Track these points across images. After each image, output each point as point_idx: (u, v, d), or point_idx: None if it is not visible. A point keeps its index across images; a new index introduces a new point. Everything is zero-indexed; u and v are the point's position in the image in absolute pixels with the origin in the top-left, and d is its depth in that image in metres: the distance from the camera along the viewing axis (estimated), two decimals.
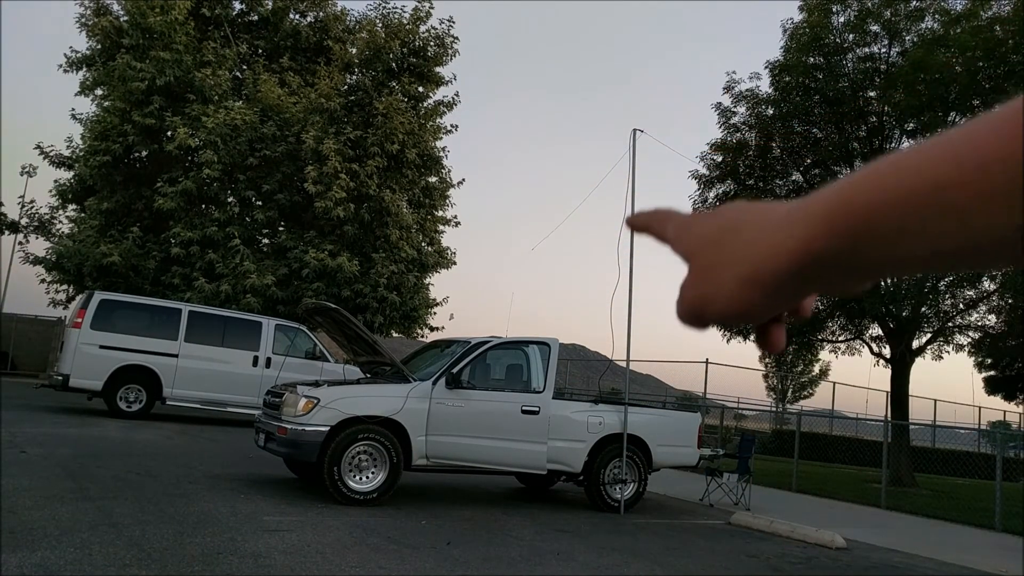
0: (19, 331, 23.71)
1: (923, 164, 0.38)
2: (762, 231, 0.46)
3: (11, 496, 5.80)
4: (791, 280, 0.45)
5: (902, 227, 0.39)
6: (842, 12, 15.56)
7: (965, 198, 0.37)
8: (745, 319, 0.48)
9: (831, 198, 0.42)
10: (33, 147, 22.12)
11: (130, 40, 18.47)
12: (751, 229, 0.47)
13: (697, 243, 0.50)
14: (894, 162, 0.40)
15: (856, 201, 0.41)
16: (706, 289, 0.48)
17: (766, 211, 0.47)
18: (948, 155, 0.37)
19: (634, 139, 9.43)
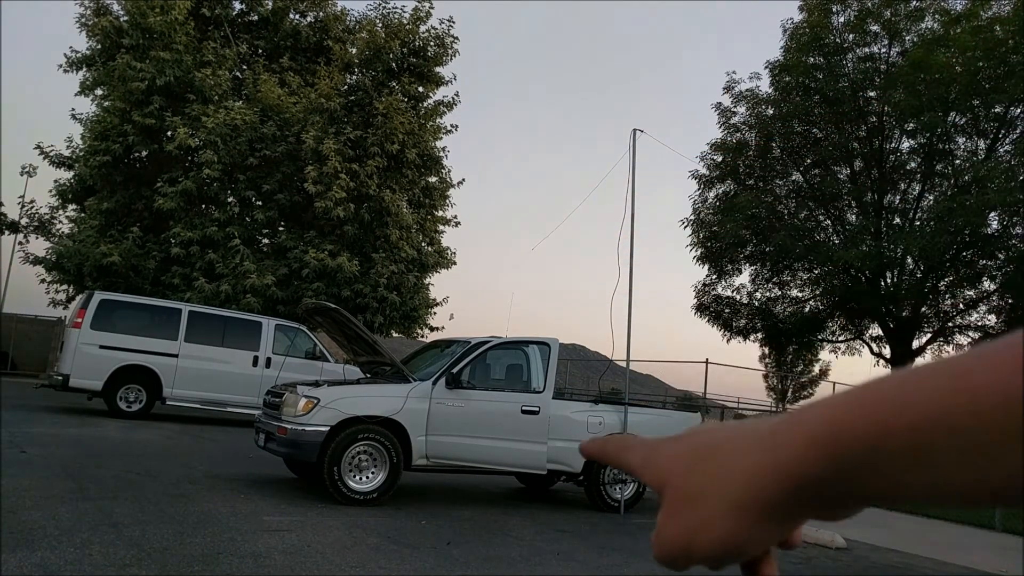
0: (19, 331, 23.71)
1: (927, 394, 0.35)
2: (745, 451, 0.42)
3: (11, 496, 5.80)
4: (782, 505, 0.40)
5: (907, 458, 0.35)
6: (842, 12, 15.57)
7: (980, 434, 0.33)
8: (739, 552, 0.43)
9: (823, 419, 0.38)
10: (33, 147, 22.15)
11: (130, 40, 18.47)
12: (730, 449, 0.42)
13: (671, 470, 0.45)
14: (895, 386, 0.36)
15: (852, 428, 0.37)
16: (690, 522, 0.43)
17: (745, 430, 0.43)
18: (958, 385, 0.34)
19: (634, 139, 9.43)
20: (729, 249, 16.33)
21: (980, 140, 15.08)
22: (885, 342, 16.35)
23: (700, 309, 17.41)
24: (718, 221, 16.14)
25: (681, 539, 0.44)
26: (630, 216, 9.10)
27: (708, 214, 16.68)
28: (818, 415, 0.39)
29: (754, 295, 17.13)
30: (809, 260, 15.85)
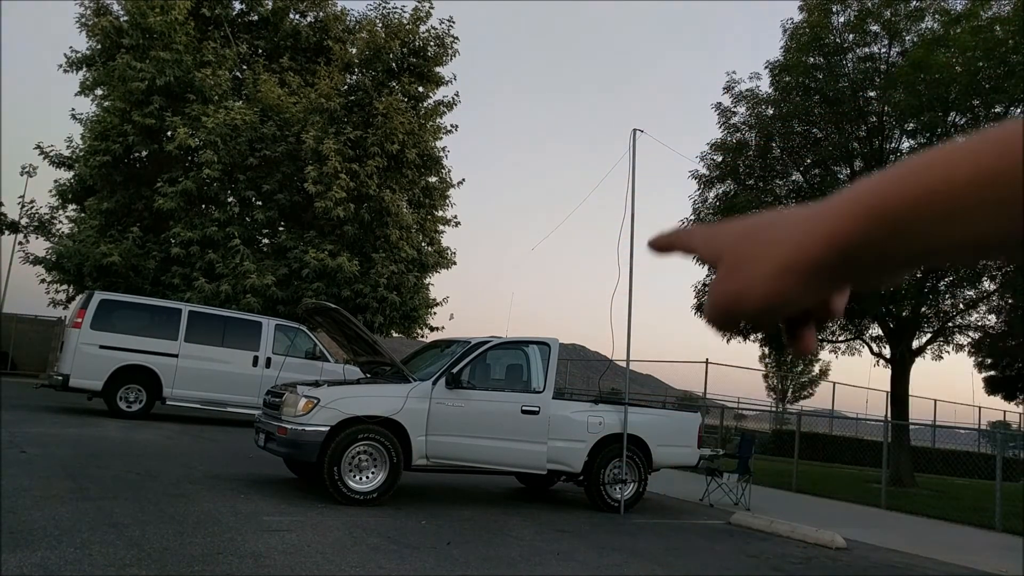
0: (19, 331, 23.71)
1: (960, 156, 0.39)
2: (796, 223, 0.46)
3: (11, 496, 5.80)
4: (826, 268, 0.45)
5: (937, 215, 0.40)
6: (842, 12, 15.55)
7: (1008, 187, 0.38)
8: (779, 311, 0.48)
9: (871, 187, 0.43)
10: (33, 147, 22.14)
11: (130, 40, 18.47)
12: (784, 223, 0.47)
13: (727, 242, 0.50)
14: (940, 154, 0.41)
15: (896, 191, 0.42)
16: (739, 283, 0.48)
17: (800, 208, 0.48)
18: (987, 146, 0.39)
19: (634, 139, 9.43)
20: None
21: None
22: (885, 342, 16.34)
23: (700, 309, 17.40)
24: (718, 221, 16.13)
25: (731, 296, 0.49)
26: (630, 216, 9.10)
27: (708, 214, 16.66)
28: (867, 186, 0.44)
29: None
30: None
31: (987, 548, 8.95)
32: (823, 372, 36.87)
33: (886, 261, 0.44)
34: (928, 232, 0.41)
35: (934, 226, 0.41)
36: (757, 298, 0.47)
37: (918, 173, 0.41)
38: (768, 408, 33.37)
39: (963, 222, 0.40)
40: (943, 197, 0.40)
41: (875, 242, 0.43)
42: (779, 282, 0.46)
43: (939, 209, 0.40)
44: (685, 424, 9.32)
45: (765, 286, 0.47)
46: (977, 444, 25.59)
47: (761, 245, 0.47)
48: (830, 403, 26.77)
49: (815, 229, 0.45)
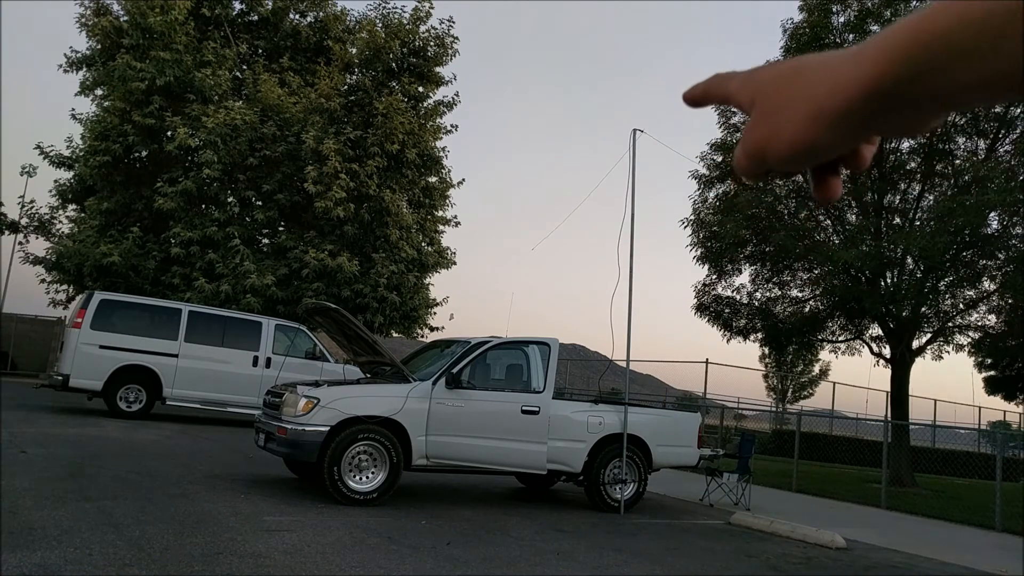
0: (19, 331, 23.71)
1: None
2: (830, 68, 0.46)
3: (11, 496, 5.80)
4: (858, 113, 0.45)
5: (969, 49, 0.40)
6: (842, 12, 15.55)
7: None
8: (808, 156, 0.48)
9: (899, 31, 0.43)
10: (33, 147, 22.17)
11: (130, 40, 18.47)
12: (818, 67, 0.47)
13: (762, 87, 0.50)
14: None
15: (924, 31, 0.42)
16: (771, 127, 0.48)
17: (833, 53, 0.48)
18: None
19: (634, 139, 9.43)
20: (729, 249, 16.32)
21: (980, 140, 15.07)
22: (885, 342, 16.33)
23: (700, 309, 17.39)
24: (718, 221, 16.12)
25: (760, 141, 0.49)
26: (630, 216, 9.10)
27: (708, 214, 16.66)
28: (901, 24, 0.44)
29: (754, 295, 17.12)
30: (809, 260, 15.83)
31: (987, 548, 8.95)
32: (823, 372, 36.86)
33: (916, 103, 0.44)
34: (954, 69, 0.41)
35: (960, 62, 0.41)
36: (789, 142, 0.47)
37: (941, 12, 0.42)
38: (768, 408, 33.38)
39: (984, 57, 0.40)
40: (964, 34, 0.40)
41: (906, 83, 0.43)
42: (812, 126, 0.46)
43: (962, 46, 0.41)
44: (685, 424, 9.32)
45: (797, 130, 0.47)
46: (977, 444, 25.58)
47: (796, 89, 0.47)
48: (830, 403, 26.77)
49: (850, 73, 0.45)
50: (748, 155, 0.50)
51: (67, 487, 6.45)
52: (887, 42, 0.44)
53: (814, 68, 0.47)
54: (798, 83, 0.48)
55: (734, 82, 0.53)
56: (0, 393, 14.50)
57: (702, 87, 0.56)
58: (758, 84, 0.50)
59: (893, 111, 0.45)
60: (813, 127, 0.46)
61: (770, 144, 0.48)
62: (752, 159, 0.50)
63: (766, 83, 0.50)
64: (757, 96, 0.50)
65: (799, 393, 38.81)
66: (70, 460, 7.90)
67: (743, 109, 0.52)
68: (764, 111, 0.49)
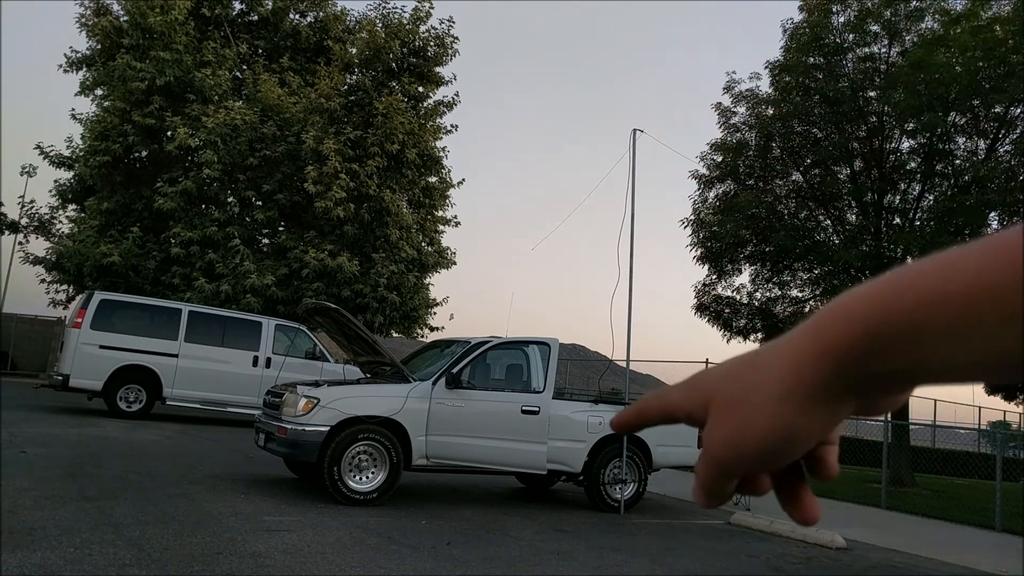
0: (19, 331, 23.71)
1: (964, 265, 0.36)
2: (785, 345, 0.43)
3: (11, 496, 5.80)
4: (824, 386, 0.41)
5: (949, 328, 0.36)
6: (842, 12, 15.56)
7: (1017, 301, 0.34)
8: (787, 443, 0.43)
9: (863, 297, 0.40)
10: (33, 147, 22.17)
11: (130, 40, 18.47)
12: (772, 349, 0.43)
13: (716, 385, 0.45)
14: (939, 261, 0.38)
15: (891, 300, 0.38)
16: (738, 420, 0.43)
17: (787, 332, 0.44)
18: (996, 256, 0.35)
19: (634, 139, 9.43)
20: (729, 249, 16.32)
21: (980, 140, 15.06)
22: None
23: (700, 309, 17.39)
24: (718, 221, 16.12)
25: (729, 441, 0.43)
26: (630, 216, 9.10)
27: (708, 214, 16.66)
28: (858, 294, 0.40)
29: (754, 295, 17.12)
30: (809, 260, 15.83)
31: (987, 548, 8.95)
32: None
33: (887, 377, 0.40)
34: (928, 346, 0.37)
35: (934, 340, 0.37)
36: (762, 433, 0.42)
37: (913, 282, 0.38)
38: None
39: (964, 338, 0.36)
40: (940, 310, 0.36)
41: (872, 355, 0.39)
42: (784, 407, 0.42)
43: (936, 322, 0.37)
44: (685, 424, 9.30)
45: (770, 414, 0.42)
46: (977, 444, 25.58)
47: (756, 375, 0.43)
48: None
49: (807, 346, 0.41)
50: (718, 463, 0.44)
51: (67, 487, 6.45)
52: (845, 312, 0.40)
53: (767, 352, 0.44)
54: (756, 368, 0.43)
55: (674, 395, 0.48)
56: (0, 393, 14.50)
57: (633, 410, 0.50)
58: (709, 384, 0.46)
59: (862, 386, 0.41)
60: (785, 408, 0.42)
61: (743, 438, 0.43)
62: (723, 467, 0.44)
63: (720, 379, 0.45)
64: (712, 396, 0.45)
65: None
66: (70, 460, 7.90)
67: (694, 420, 0.46)
68: (724, 407, 0.44)
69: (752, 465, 0.44)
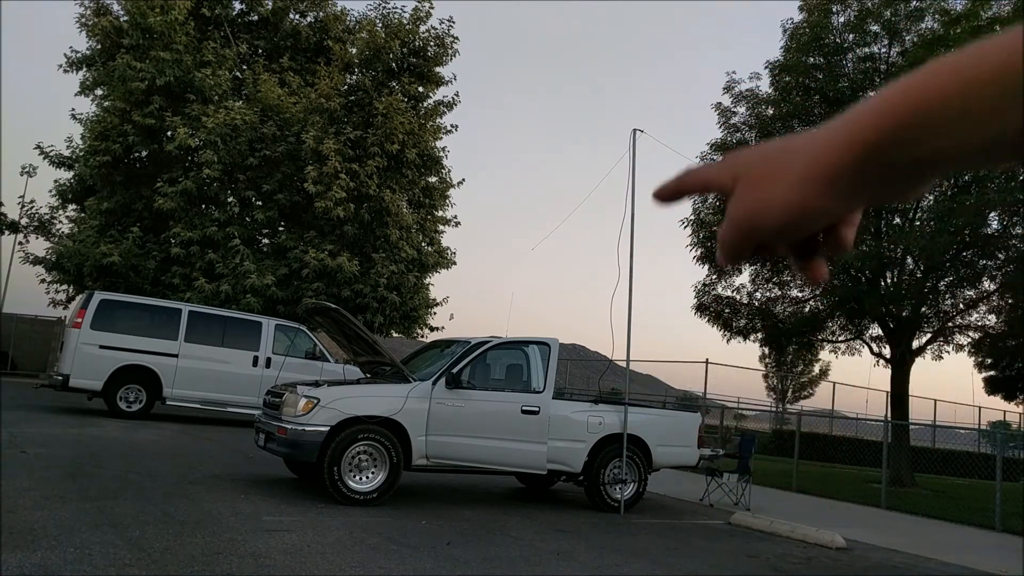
0: (19, 331, 23.70)
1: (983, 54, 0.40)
2: (817, 135, 0.46)
3: (11, 496, 5.80)
4: (850, 174, 0.44)
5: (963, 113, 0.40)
6: (842, 12, 15.56)
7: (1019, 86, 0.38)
8: (801, 222, 0.47)
9: (889, 93, 0.43)
10: (33, 147, 22.17)
11: (130, 40, 18.47)
12: (805, 137, 0.47)
13: (746, 162, 0.49)
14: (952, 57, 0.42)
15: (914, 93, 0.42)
16: (760, 196, 0.47)
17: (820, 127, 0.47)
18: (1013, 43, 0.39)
19: (634, 139, 9.43)
20: None
21: None
22: (885, 342, 16.32)
23: (700, 309, 17.38)
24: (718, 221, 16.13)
25: (749, 211, 0.48)
26: (630, 216, 9.10)
27: (708, 214, 16.66)
28: (893, 87, 0.44)
29: (754, 295, 17.12)
30: None
31: (987, 548, 8.95)
32: (823, 372, 36.87)
33: (906, 165, 0.44)
34: (945, 131, 0.41)
35: (951, 124, 0.41)
36: (778, 211, 0.46)
37: (934, 75, 0.42)
38: (768, 408, 33.37)
39: (976, 120, 0.40)
40: (958, 96, 0.40)
41: (895, 144, 0.43)
42: (801, 192, 0.45)
43: (954, 107, 0.41)
44: (685, 424, 9.32)
45: (787, 197, 0.46)
46: (977, 444, 25.57)
47: (785, 157, 0.47)
48: (830, 403, 26.77)
49: (836, 137, 0.45)
50: (737, 228, 0.49)
51: (67, 487, 6.45)
52: (880, 103, 0.44)
53: (802, 138, 0.47)
54: (786, 152, 0.47)
55: (711, 168, 0.52)
56: (0, 393, 14.49)
57: (674, 182, 0.54)
58: (741, 162, 0.50)
59: (886, 173, 0.45)
60: (805, 190, 0.45)
61: (761, 212, 0.47)
62: (741, 232, 0.49)
63: (750, 159, 0.49)
64: (741, 172, 0.49)
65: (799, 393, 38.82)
66: (70, 460, 7.90)
67: (725, 191, 0.50)
68: (750, 183, 0.48)
69: (767, 235, 0.48)
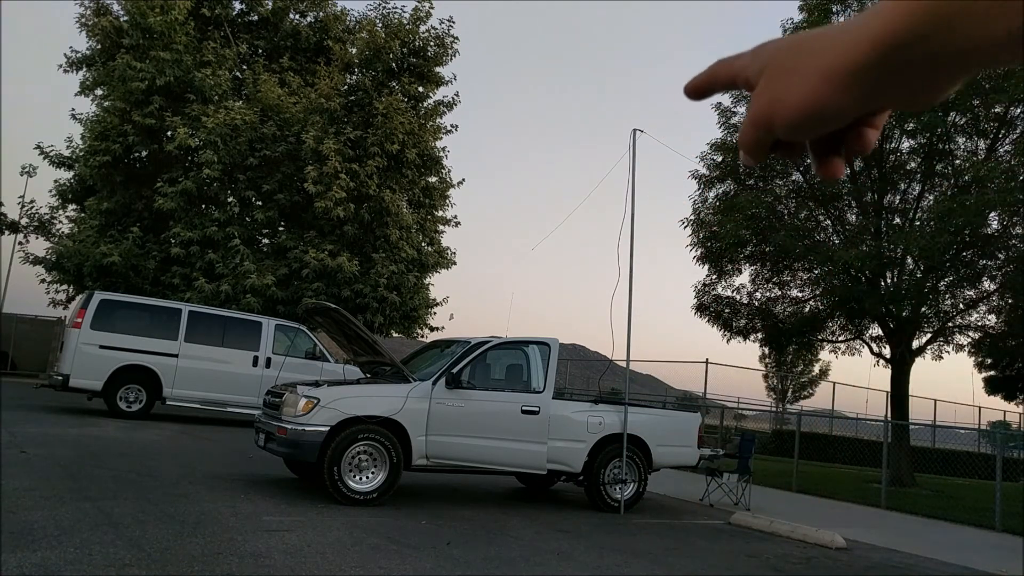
0: (19, 331, 23.71)
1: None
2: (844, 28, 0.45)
3: (11, 496, 5.80)
4: (871, 71, 0.44)
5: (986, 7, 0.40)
6: (842, 12, 15.56)
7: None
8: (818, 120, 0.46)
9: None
10: (33, 147, 22.17)
11: (130, 40, 18.47)
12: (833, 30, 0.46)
13: (773, 54, 0.49)
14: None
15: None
16: (780, 89, 0.46)
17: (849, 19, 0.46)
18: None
19: (634, 139, 9.43)
20: (729, 249, 16.32)
21: (980, 140, 15.07)
22: (885, 342, 16.33)
23: (700, 309, 17.39)
24: (718, 221, 16.13)
25: (768, 105, 0.47)
26: (630, 216, 9.10)
27: (708, 214, 16.66)
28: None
29: (754, 295, 17.12)
30: (809, 260, 15.83)
31: (987, 548, 8.95)
32: (823, 372, 36.85)
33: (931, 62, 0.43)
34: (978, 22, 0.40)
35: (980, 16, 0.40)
36: (798, 103, 0.46)
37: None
38: (768, 408, 33.37)
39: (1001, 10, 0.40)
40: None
41: (921, 38, 0.42)
42: (823, 86, 0.45)
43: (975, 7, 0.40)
44: (685, 424, 9.31)
45: (808, 90, 0.45)
46: (977, 444, 25.57)
47: (809, 50, 0.46)
48: (830, 403, 26.76)
49: (862, 32, 0.44)
50: (754, 122, 0.48)
51: (67, 487, 6.45)
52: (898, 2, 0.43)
53: (829, 31, 0.46)
54: (812, 44, 0.46)
55: (741, 59, 0.51)
56: (0, 393, 14.49)
57: (705, 74, 0.54)
58: (769, 53, 0.49)
59: (907, 71, 0.44)
60: (824, 86, 0.45)
61: (778, 107, 0.46)
62: (759, 127, 0.48)
63: (778, 50, 0.48)
64: (768, 64, 0.48)
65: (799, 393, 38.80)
66: (70, 460, 7.90)
67: (752, 85, 0.50)
68: (773, 75, 0.47)
69: (783, 132, 0.47)
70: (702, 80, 0.54)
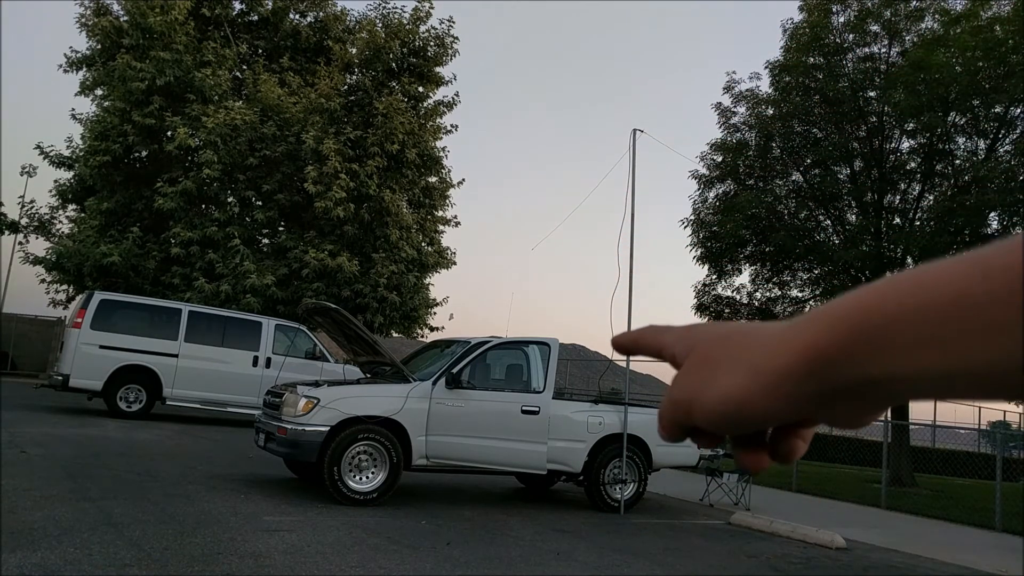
0: (19, 331, 23.70)
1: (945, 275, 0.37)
2: (775, 331, 0.43)
3: (11, 496, 5.80)
4: (798, 380, 0.41)
5: (918, 336, 0.37)
6: (842, 12, 15.56)
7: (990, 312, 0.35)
8: (737, 415, 0.44)
9: (849, 301, 0.41)
10: (33, 147, 22.16)
11: (130, 40, 18.48)
12: (761, 330, 0.45)
13: (701, 340, 0.47)
14: (919, 272, 0.39)
15: (877, 305, 0.39)
16: (704, 378, 0.45)
17: (778, 323, 0.45)
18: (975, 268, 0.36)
19: (634, 139, 9.43)
20: (729, 249, 16.32)
21: (980, 140, 15.06)
22: None
23: (700, 309, 17.38)
24: (718, 221, 16.13)
25: (690, 391, 0.46)
26: (630, 216, 9.10)
27: (708, 214, 16.66)
28: (847, 298, 0.41)
29: (754, 295, 17.12)
30: (809, 260, 15.83)
31: (987, 548, 8.95)
32: None
33: (859, 383, 0.40)
34: (901, 351, 0.38)
35: (907, 345, 0.37)
36: (720, 395, 0.44)
37: (902, 289, 0.38)
38: None
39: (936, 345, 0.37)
40: (924, 316, 0.37)
41: (848, 357, 0.39)
42: (747, 383, 0.43)
43: (910, 325, 0.37)
44: None
45: (731, 384, 0.43)
46: (977, 444, 25.57)
47: (736, 346, 0.45)
48: None
49: (792, 338, 0.42)
50: (675, 404, 0.47)
51: (67, 487, 6.45)
52: (833, 313, 0.41)
53: (757, 330, 0.45)
54: (739, 340, 0.45)
55: (669, 335, 0.50)
56: (0, 393, 14.49)
57: (633, 336, 0.54)
58: (696, 337, 0.48)
59: (833, 389, 0.41)
60: (748, 384, 0.43)
61: (701, 395, 0.45)
62: (678, 409, 0.47)
63: (706, 337, 0.47)
64: (695, 348, 0.47)
65: None
66: (70, 460, 7.90)
67: (675, 362, 0.49)
68: (698, 362, 0.46)
69: (704, 421, 0.45)
70: (628, 340, 0.54)
